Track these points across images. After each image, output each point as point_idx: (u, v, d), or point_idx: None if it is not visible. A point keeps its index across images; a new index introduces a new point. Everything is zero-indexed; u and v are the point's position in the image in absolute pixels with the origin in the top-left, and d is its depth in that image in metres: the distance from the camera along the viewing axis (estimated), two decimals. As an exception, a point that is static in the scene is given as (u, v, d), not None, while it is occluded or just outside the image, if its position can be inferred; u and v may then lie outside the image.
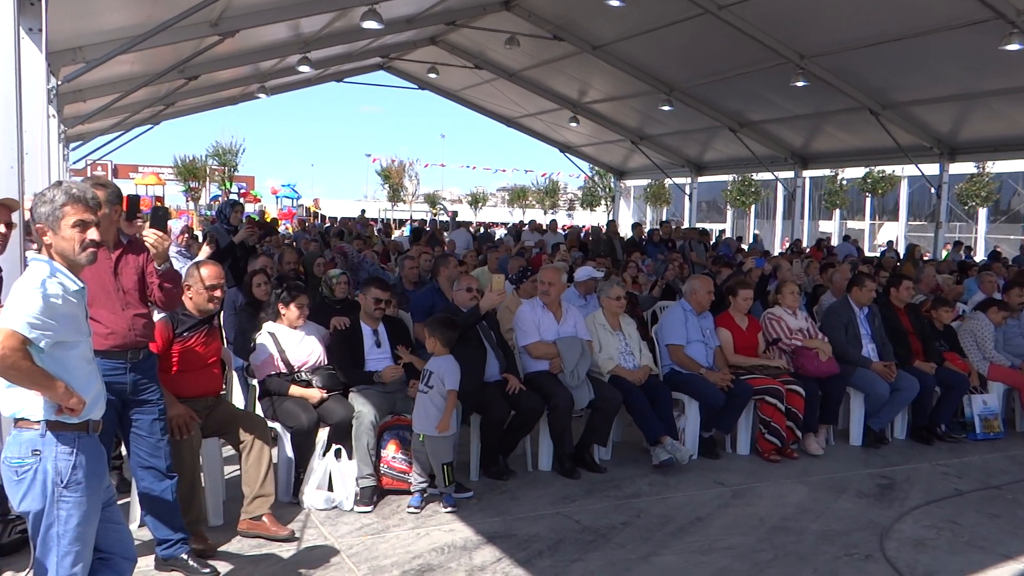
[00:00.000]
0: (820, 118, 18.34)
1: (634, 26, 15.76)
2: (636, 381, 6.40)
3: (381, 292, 5.91)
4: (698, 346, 6.82)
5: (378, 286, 5.95)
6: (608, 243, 15.66)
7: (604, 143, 25.65)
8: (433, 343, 5.29)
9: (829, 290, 8.94)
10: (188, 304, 4.78)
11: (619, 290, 6.76)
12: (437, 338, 5.29)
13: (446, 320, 5.44)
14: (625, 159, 27.99)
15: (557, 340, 6.27)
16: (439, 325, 5.33)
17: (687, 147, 24.29)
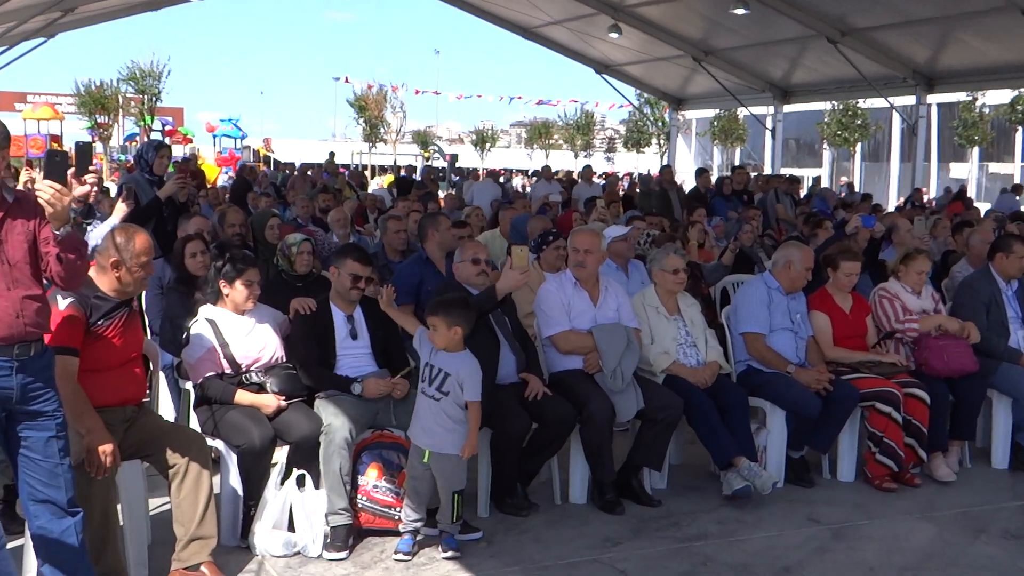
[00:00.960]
0: (952, 22, 18.18)
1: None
2: (700, 383, 6.40)
3: (361, 267, 5.92)
4: (785, 335, 6.81)
5: (356, 257, 5.97)
6: (661, 196, 15.60)
7: (656, 60, 25.56)
8: (446, 333, 5.24)
9: (964, 257, 8.89)
10: (102, 283, 4.80)
11: (677, 260, 6.75)
12: (453, 326, 5.22)
13: (462, 301, 5.42)
14: (684, 82, 27.86)
15: (594, 329, 6.27)
16: (454, 307, 5.28)
17: (769, 65, 24.15)
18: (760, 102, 26.72)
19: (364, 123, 57.11)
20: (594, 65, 27.59)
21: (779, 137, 26.15)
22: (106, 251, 4.79)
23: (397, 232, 8.70)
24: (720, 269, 9.02)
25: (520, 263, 5.87)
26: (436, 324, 5.25)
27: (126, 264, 4.77)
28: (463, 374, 5.20)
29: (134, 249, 4.78)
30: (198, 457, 4.91)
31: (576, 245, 6.47)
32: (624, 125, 67.24)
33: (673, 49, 23.97)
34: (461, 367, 5.22)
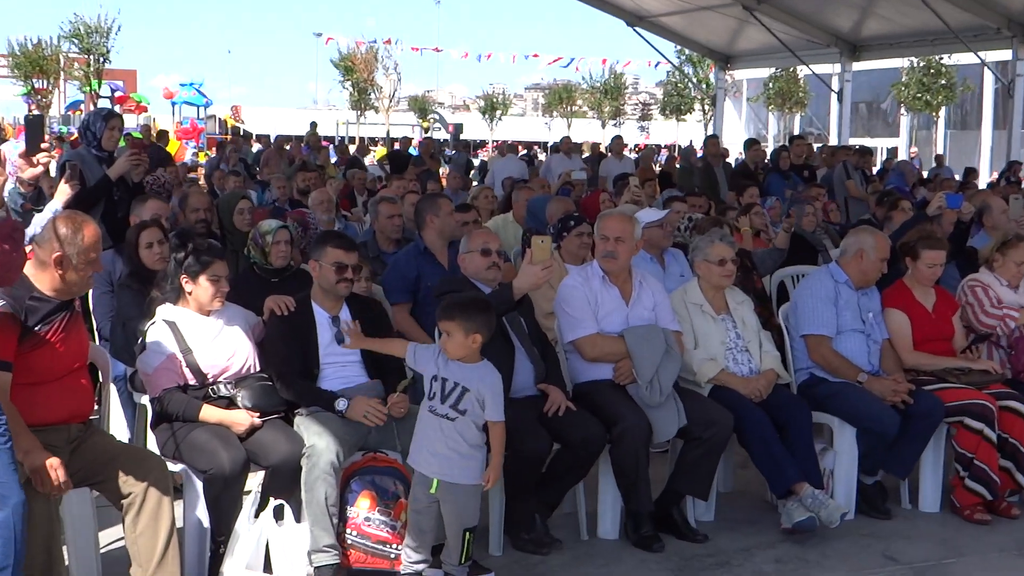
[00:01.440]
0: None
1: None
2: (754, 395, 6.41)
3: (344, 253, 5.95)
4: (856, 338, 6.82)
5: (338, 244, 5.99)
6: (705, 172, 15.61)
7: (699, 10, 25.53)
8: (463, 341, 5.21)
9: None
10: (41, 281, 4.81)
11: (725, 248, 6.75)
12: (472, 332, 5.19)
13: (481, 302, 5.39)
14: (733, 37, 27.81)
15: (626, 331, 6.29)
16: (474, 310, 5.24)
17: (835, 14, 24.09)
18: (824, 59, 26.68)
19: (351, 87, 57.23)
20: (625, 16, 27.57)
21: (847, 101, 26.13)
22: (48, 244, 4.74)
23: (391, 217, 8.71)
24: (774, 255, 8.99)
25: (541, 256, 5.85)
26: (451, 330, 5.20)
27: (72, 260, 4.74)
28: (484, 389, 5.17)
29: (82, 243, 4.75)
30: (157, 484, 4.94)
31: (605, 232, 6.46)
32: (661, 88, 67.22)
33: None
34: (482, 381, 5.19)
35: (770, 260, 8.96)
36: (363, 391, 5.78)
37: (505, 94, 72.25)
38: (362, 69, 55.88)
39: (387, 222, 8.69)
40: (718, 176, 15.52)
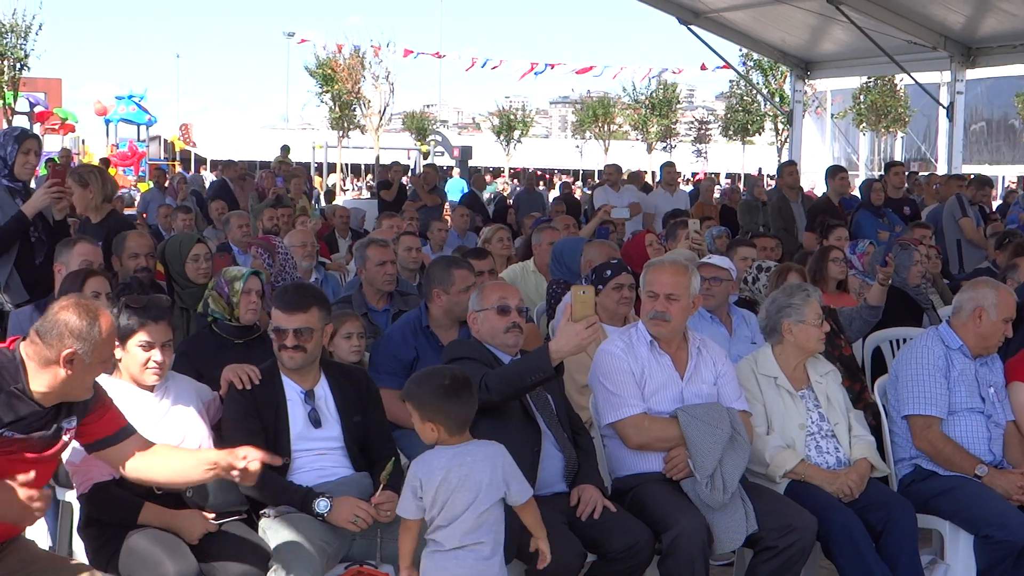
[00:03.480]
0: None
1: None
2: (843, 493, 6.41)
3: (284, 316, 5.97)
4: (973, 420, 6.83)
5: (279, 302, 6.05)
6: (780, 207, 15.61)
7: (770, 3, 25.61)
8: (419, 427, 5.32)
9: None
10: (36, 377, 4.84)
11: (815, 307, 6.77)
12: (425, 419, 5.29)
13: (445, 383, 5.34)
14: (813, 37, 27.92)
15: (680, 412, 6.31)
16: (424, 391, 5.32)
17: (944, 8, 24.13)
18: (931, 66, 26.74)
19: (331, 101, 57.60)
20: (677, 12, 27.70)
21: (958, 118, 26.09)
22: (56, 339, 4.74)
23: (381, 264, 8.75)
24: (866, 314, 8.90)
25: (584, 311, 5.77)
26: (411, 412, 5.33)
27: (85, 360, 4.76)
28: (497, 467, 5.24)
29: (99, 336, 4.80)
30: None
31: (653, 287, 6.48)
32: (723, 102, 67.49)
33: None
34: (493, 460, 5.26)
35: (860, 320, 8.92)
36: (347, 486, 5.81)
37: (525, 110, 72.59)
38: (345, 78, 56.14)
39: (376, 271, 8.73)
40: (795, 213, 15.48)
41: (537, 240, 11.08)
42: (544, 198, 24.84)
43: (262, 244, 9.82)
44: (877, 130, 49.49)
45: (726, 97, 64.54)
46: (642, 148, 64.62)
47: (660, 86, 63.60)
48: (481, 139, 72.60)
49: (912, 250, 10.11)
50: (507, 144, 65.91)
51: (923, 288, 10.23)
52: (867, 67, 31.35)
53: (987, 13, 23.67)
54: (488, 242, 11.65)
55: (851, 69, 31.96)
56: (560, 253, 9.92)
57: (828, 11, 24.34)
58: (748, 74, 48.66)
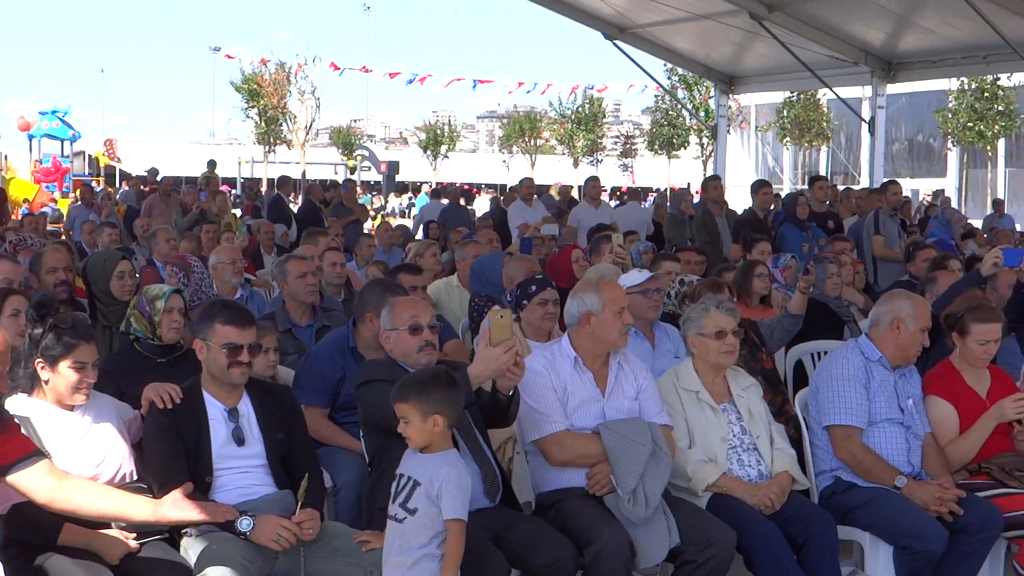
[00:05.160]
0: None
1: None
2: (764, 505, 6.44)
3: (237, 331, 5.94)
4: (892, 431, 6.89)
5: (229, 318, 5.99)
6: (704, 222, 15.69)
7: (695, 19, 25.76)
8: (421, 426, 5.33)
9: None
10: None
11: (723, 317, 6.81)
12: (431, 413, 5.30)
13: (440, 376, 5.46)
14: (737, 53, 28.10)
15: (602, 428, 6.32)
16: (428, 385, 5.36)
17: (864, 24, 24.39)
18: (852, 80, 26.97)
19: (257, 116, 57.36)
20: (603, 27, 27.79)
21: (881, 132, 26.33)
22: None
23: (302, 276, 8.70)
24: (787, 324, 8.93)
25: (503, 335, 5.70)
26: (407, 414, 5.33)
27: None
28: (438, 480, 5.25)
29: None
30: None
31: (621, 302, 6.54)
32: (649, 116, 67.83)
33: (722, 2, 24.15)
34: (436, 472, 5.27)
35: (782, 330, 8.92)
36: (270, 504, 5.78)
37: (452, 124, 72.64)
38: (271, 93, 55.97)
39: (298, 283, 8.68)
40: (720, 227, 15.56)
41: (461, 255, 11.08)
42: (471, 213, 24.81)
43: (178, 263, 9.76)
44: (801, 144, 49.91)
45: (652, 112, 64.81)
46: (568, 162, 64.80)
47: (586, 101, 63.83)
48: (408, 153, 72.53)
49: (827, 263, 10.20)
50: (434, 159, 65.88)
51: (843, 301, 10.31)
52: (790, 82, 31.56)
53: (907, 30, 23.93)
54: (420, 257, 11.63)
55: (774, 84, 32.20)
56: (481, 268, 9.92)
57: (751, 27, 24.51)
58: (673, 89, 48.94)
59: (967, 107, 41.33)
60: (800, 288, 8.94)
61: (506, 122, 75.36)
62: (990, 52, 22.87)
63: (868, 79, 25.85)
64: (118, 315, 7.93)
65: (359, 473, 6.66)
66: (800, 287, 8.91)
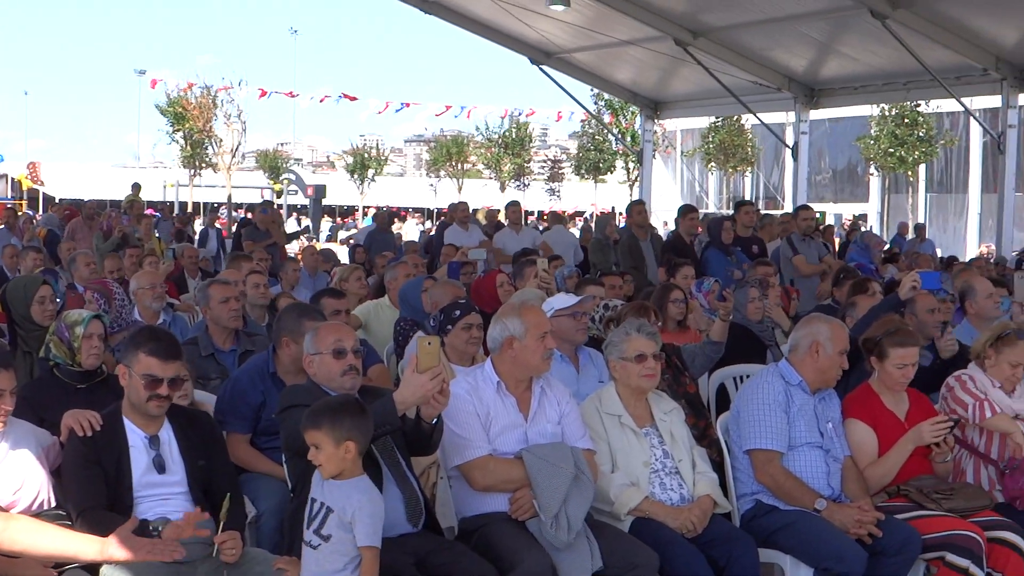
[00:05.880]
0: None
1: None
2: (686, 529, 6.46)
3: (160, 364, 5.89)
4: (812, 454, 6.94)
5: (153, 350, 5.93)
6: (629, 246, 15.74)
7: (621, 45, 25.89)
8: (333, 453, 5.31)
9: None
10: None
11: (644, 341, 6.84)
12: (343, 440, 5.30)
13: (351, 403, 5.46)
14: (663, 79, 28.29)
15: (525, 452, 6.33)
16: (340, 412, 5.36)
17: (787, 52, 24.63)
18: (776, 106, 27.23)
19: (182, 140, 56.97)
20: (529, 52, 27.87)
21: (804, 157, 26.56)
22: None
23: (225, 301, 8.65)
24: (708, 350, 8.92)
25: (430, 362, 5.71)
26: (319, 441, 5.31)
27: None
28: (351, 508, 5.23)
29: None
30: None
31: (546, 327, 6.55)
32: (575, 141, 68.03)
33: (647, 28, 24.31)
34: (348, 499, 5.25)
35: (703, 356, 8.89)
36: (176, 522, 5.73)
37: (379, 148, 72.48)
38: (196, 117, 55.55)
39: (221, 308, 8.62)
40: (645, 252, 15.61)
41: (392, 276, 11.07)
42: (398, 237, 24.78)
43: (99, 288, 9.66)
44: (725, 169, 50.16)
45: (578, 136, 65.01)
46: (495, 187, 64.81)
47: (513, 125, 63.92)
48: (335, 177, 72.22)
49: (748, 287, 10.26)
50: (361, 182, 65.68)
51: (767, 324, 10.38)
52: (715, 107, 31.81)
53: (829, 56, 24.20)
54: (344, 281, 11.60)
55: (699, 109, 32.45)
56: (404, 293, 9.94)
57: (676, 53, 24.70)
58: (600, 115, 49.08)
59: (888, 133, 41.72)
60: (720, 316, 8.93)
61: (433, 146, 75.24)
62: (910, 79, 23.19)
63: (791, 105, 26.11)
64: (39, 340, 7.82)
65: (281, 499, 6.59)
66: (720, 315, 8.93)
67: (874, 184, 50.44)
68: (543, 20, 24.76)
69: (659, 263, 14.84)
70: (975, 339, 8.10)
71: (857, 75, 24.50)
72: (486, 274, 12.48)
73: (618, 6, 23.47)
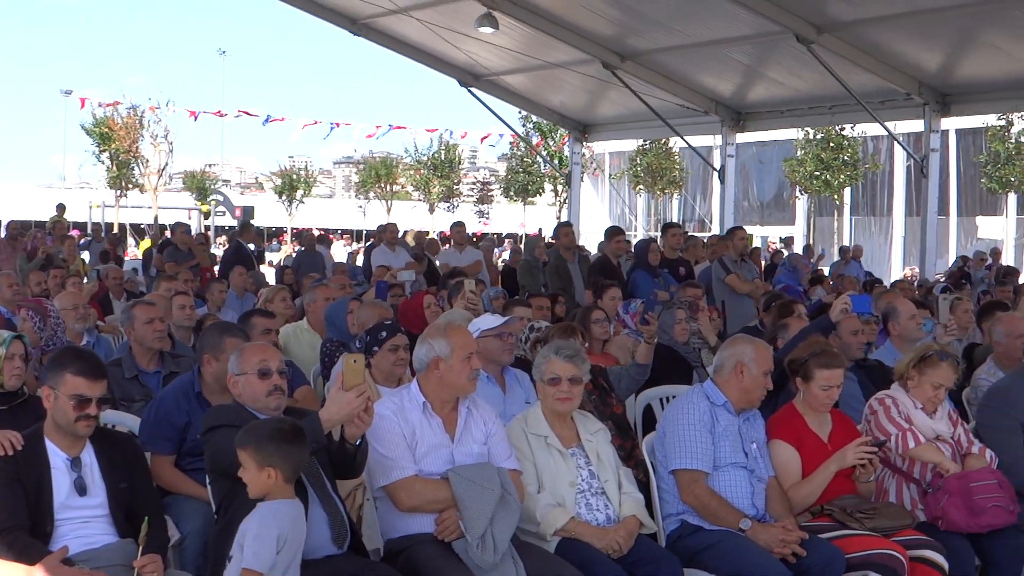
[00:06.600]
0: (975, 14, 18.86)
1: None
2: (611, 549, 6.46)
3: (87, 383, 5.84)
4: (737, 475, 6.97)
5: (80, 369, 5.88)
6: (558, 268, 15.76)
7: (549, 68, 25.95)
8: (256, 476, 5.33)
9: (991, 356, 9.20)
10: None
11: (561, 364, 6.84)
12: (263, 463, 5.31)
13: (286, 429, 5.43)
14: (591, 101, 28.38)
15: (451, 473, 6.32)
16: (266, 437, 5.36)
17: (714, 75, 24.78)
18: (703, 129, 27.37)
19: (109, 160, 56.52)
20: (458, 75, 27.88)
21: (730, 180, 26.74)
22: None
23: (150, 323, 8.57)
24: (634, 371, 8.87)
25: (355, 379, 5.76)
26: (244, 461, 5.34)
27: None
28: (245, 528, 5.26)
29: None
30: None
31: (471, 347, 6.56)
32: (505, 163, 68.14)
33: (575, 51, 24.37)
34: (249, 521, 5.27)
35: (629, 378, 8.88)
36: (112, 553, 5.68)
37: (308, 169, 72.34)
38: (123, 137, 55.16)
39: (145, 329, 8.53)
40: (572, 273, 15.65)
41: (311, 298, 11.00)
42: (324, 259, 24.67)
43: (34, 307, 9.56)
44: (653, 192, 50.39)
45: (507, 158, 65.14)
46: (424, 208, 64.82)
47: (442, 147, 63.98)
48: (264, 199, 71.90)
49: (675, 309, 10.30)
50: (290, 204, 65.46)
51: (693, 344, 10.43)
52: (643, 130, 31.93)
53: (755, 80, 24.37)
54: (270, 302, 11.54)
55: (627, 132, 32.51)
56: (331, 315, 9.92)
57: (604, 76, 24.78)
58: (528, 136, 49.19)
59: (813, 157, 42.08)
60: (645, 339, 8.91)
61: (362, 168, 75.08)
62: (835, 103, 23.40)
63: (718, 128, 26.27)
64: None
65: (205, 521, 6.53)
66: (644, 338, 8.93)
67: (800, 207, 50.84)
68: (472, 43, 24.78)
69: (586, 285, 14.89)
70: (898, 360, 8.17)
71: (783, 99, 24.68)
72: (413, 295, 12.49)
73: (547, 29, 23.52)
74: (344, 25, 26.26)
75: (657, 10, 21.08)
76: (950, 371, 7.51)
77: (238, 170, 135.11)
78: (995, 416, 7.71)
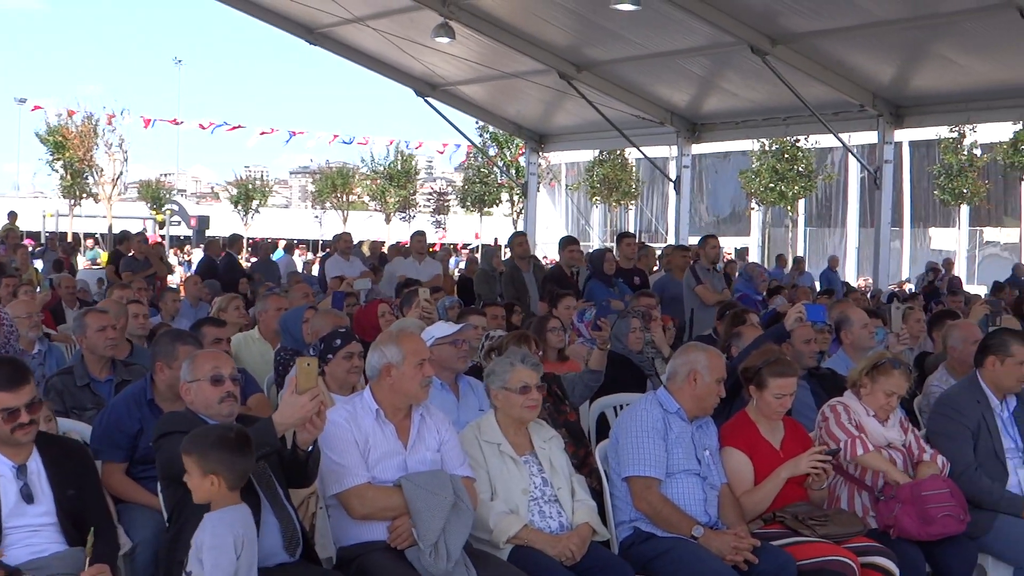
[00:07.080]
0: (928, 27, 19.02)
1: None
2: (564, 556, 6.45)
3: (8, 396, 5.77)
4: (689, 481, 6.98)
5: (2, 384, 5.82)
6: (513, 277, 15.77)
7: (506, 78, 26.00)
8: (198, 481, 5.30)
9: (943, 364, 9.25)
10: None
11: (527, 372, 6.86)
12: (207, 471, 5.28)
13: (231, 437, 5.40)
14: (547, 112, 28.42)
15: (403, 480, 6.31)
16: (209, 444, 5.33)
17: (670, 86, 24.86)
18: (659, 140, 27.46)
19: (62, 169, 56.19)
20: (415, 84, 27.89)
21: (685, 190, 26.82)
22: None
23: (102, 330, 8.51)
24: (587, 378, 8.93)
25: (308, 383, 5.73)
26: (188, 467, 5.31)
27: None
28: (197, 542, 5.21)
29: None
30: None
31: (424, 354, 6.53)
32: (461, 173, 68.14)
33: (532, 61, 24.42)
34: (201, 533, 5.22)
35: (583, 385, 8.92)
36: (60, 562, 5.65)
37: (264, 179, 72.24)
38: (77, 146, 54.83)
39: (97, 337, 8.47)
40: (527, 282, 15.66)
41: (263, 307, 10.96)
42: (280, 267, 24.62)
43: None
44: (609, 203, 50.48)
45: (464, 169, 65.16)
46: (380, 218, 64.76)
47: (399, 157, 63.97)
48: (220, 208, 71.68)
49: (630, 318, 10.32)
50: (246, 213, 65.26)
51: (647, 353, 10.45)
52: (599, 141, 32.02)
53: (711, 92, 24.48)
54: (223, 311, 11.48)
55: (583, 143, 32.65)
56: (285, 323, 9.89)
57: (561, 86, 24.86)
58: (485, 147, 49.19)
59: (768, 168, 42.22)
60: (598, 345, 8.93)
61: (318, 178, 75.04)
62: (789, 115, 23.54)
63: (674, 139, 26.38)
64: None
65: (156, 530, 6.48)
66: (597, 344, 8.94)
67: (755, 218, 51.08)
68: (429, 53, 24.80)
69: (541, 295, 14.90)
70: (851, 368, 8.21)
71: (738, 110, 24.82)
72: (368, 304, 12.45)
73: (503, 39, 23.56)
74: (301, 34, 26.25)
75: (613, 21, 21.12)
76: (903, 379, 7.55)
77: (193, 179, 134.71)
78: (946, 423, 7.74)
